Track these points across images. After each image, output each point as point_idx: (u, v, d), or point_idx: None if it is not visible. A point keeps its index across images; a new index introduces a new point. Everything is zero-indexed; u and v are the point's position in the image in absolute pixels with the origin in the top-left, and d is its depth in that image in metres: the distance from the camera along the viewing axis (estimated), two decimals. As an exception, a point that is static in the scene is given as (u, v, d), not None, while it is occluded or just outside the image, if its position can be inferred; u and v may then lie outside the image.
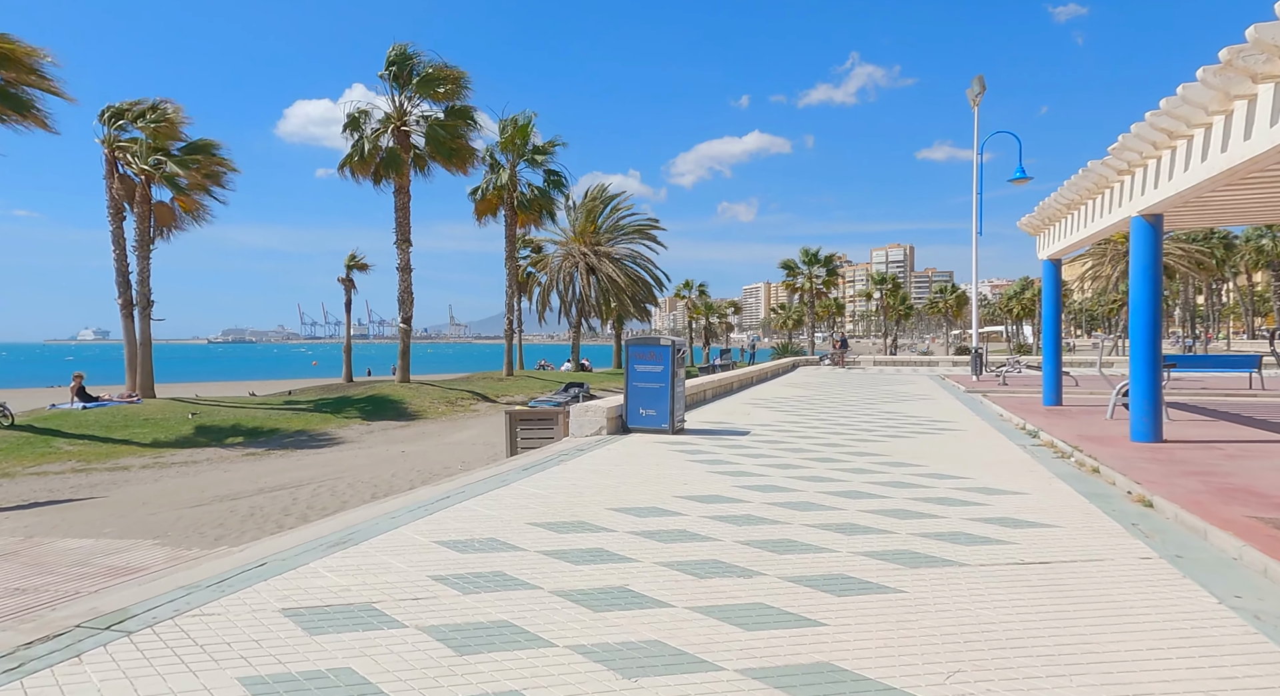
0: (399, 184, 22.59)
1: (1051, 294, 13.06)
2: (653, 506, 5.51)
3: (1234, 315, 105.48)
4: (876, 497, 5.87)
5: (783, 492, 6.04)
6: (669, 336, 9.62)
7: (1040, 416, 11.28)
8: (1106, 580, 3.84)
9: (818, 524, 5.02)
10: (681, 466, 7.24)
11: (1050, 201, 11.28)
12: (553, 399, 11.71)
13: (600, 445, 8.58)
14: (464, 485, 6.11)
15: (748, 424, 10.96)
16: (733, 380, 17.96)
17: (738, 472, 6.94)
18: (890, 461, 7.64)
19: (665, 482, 6.41)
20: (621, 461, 7.48)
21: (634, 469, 7.09)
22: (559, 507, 5.42)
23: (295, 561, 4.02)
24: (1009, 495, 5.97)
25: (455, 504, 5.48)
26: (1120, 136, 7.81)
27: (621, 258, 36.16)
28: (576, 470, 6.98)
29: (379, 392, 21.19)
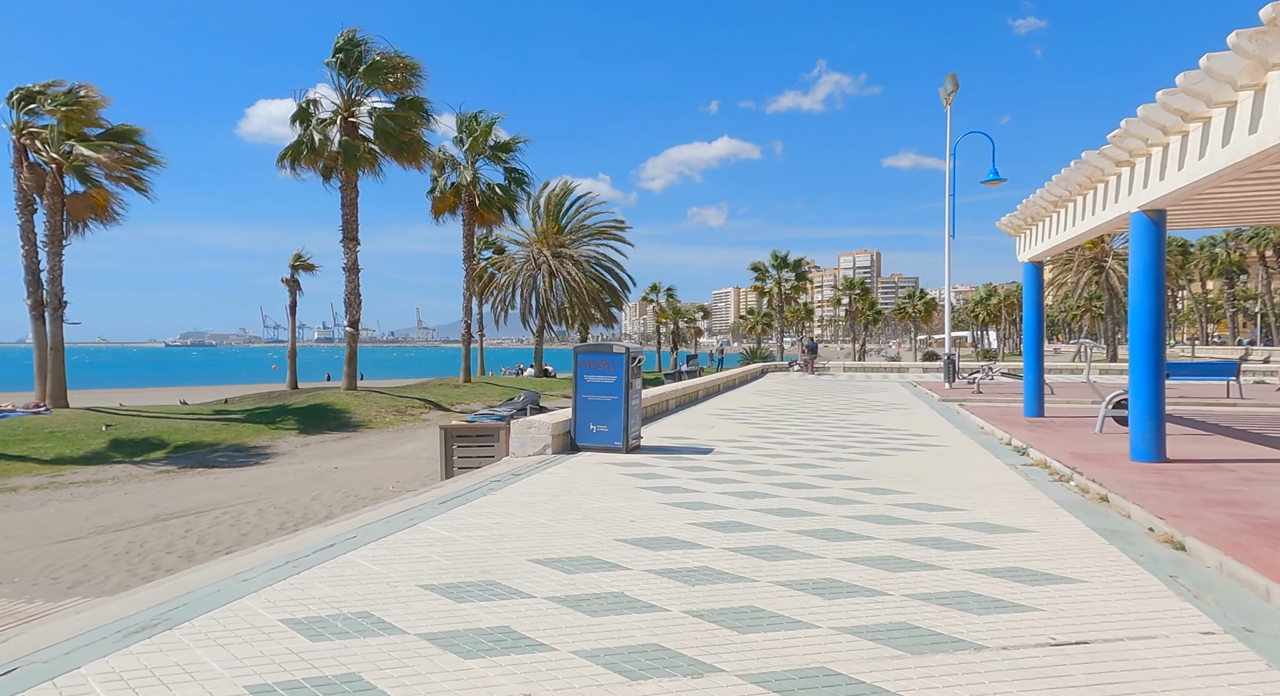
0: (346, 179, 21.20)
1: (1033, 298, 12.32)
2: (587, 555, 4.46)
3: (1188, 322, 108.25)
4: (859, 539, 4.89)
5: (748, 532, 5.04)
6: (622, 343, 8.59)
7: (1024, 429, 10.49)
8: (1172, 674, 2.89)
9: (790, 580, 4.02)
10: (631, 496, 6.20)
11: (1035, 199, 10.52)
12: (495, 412, 10.62)
13: (542, 468, 7.50)
14: (360, 526, 4.99)
15: (712, 439, 9.97)
16: (698, 388, 17.00)
17: (696, 504, 5.92)
18: (871, 487, 6.70)
19: (608, 520, 5.37)
20: (562, 490, 6.41)
21: (574, 500, 6.03)
22: (469, 560, 4.34)
23: (64, 663, 2.87)
24: (1013, 533, 5.04)
25: (339, 555, 4.36)
26: (1123, 122, 7.00)
27: (586, 260, 35.06)
28: (505, 502, 5.89)
29: (321, 401, 19.79)
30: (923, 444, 9.65)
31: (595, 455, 8.31)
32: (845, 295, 62.56)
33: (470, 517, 5.35)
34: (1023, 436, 9.66)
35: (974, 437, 10.37)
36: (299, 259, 26.70)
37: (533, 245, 34.70)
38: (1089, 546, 4.73)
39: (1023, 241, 12.50)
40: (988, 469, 7.73)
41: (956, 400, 16.54)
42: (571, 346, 10.23)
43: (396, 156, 21.80)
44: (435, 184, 26.89)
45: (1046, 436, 9.75)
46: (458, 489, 6.36)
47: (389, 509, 5.62)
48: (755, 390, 20.26)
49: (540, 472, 7.22)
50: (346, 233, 21.27)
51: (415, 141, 21.79)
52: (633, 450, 8.63)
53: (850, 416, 13.16)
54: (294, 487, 10.70)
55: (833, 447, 9.26)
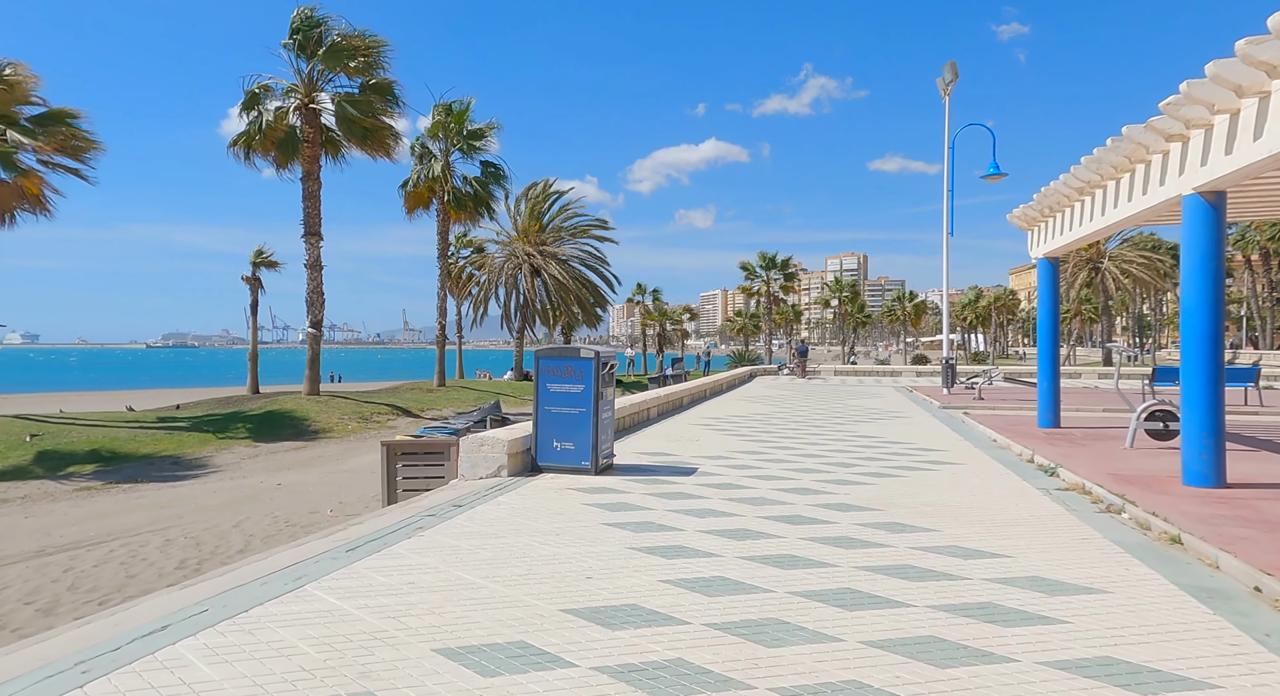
0: (307, 169, 19.82)
1: (1049, 298, 11.24)
2: (518, 640, 3.24)
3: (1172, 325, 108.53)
4: (885, 605, 3.71)
5: (738, 595, 3.85)
6: (592, 347, 7.39)
7: (1043, 443, 9.39)
8: None
9: (798, 686, 2.82)
10: (593, 537, 4.99)
11: (1057, 186, 9.43)
12: (449, 425, 9.37)
13: (492, 495, 6.27)
14: (223, 591, 3.75)
15: (696, 455, 8.78)
16: (683, 395, 15.82)
17: (673, 549, 4.72)
18: (885, 521, 5.53)
19: (559, 575, 4.16)
20: (508, 529, 5.19)
21: (521, 543, 4.81)
22: (350, 653, 3.11)
23: None
24: (1083, 595, 3.88)
25: (164, 646, 3.11)
26: (1184, 85, 5.88)
27: (569, 259, 33.80)
28: (432, 549, 4.66)
29: (279, 407, 18.41)
30: (934, 461, 8.51)
31: (558, 478, 7.09)
32: (834, 297, 61.65)
33: (377, 574, 4.12)
34: (1045, 452, 8.55)
35: (989, 453, 9.25)
36: (260, 255, 25.17)
37: (513, 243, 33.40)
38: (1190, 618, 3.58)
39: (1037, 235, 11.42)
40: (1017, 495, 6.59)
41: (959, 407, 15.47)
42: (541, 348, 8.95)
43: (360, 145, 20.43)
44: (410, 178, 25.54)
45: (1072, 452, 8.65)
46: (377, 528, 5.12)
47: (279, 559, 4.38)
48: (744, 396, 19.11)
49: (488, 502, 5.99)
50: (308, 226, 19.86)
51: (381, 129, 20.42)
52: (603, 471, 7.41)
53: (848, 426, 12.02)
54: (222, 510, 9.40)
55: (833, 466, 8.09)
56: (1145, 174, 7.46)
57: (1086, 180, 8.66)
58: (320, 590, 3.84)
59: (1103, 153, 7.81)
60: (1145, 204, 7.49)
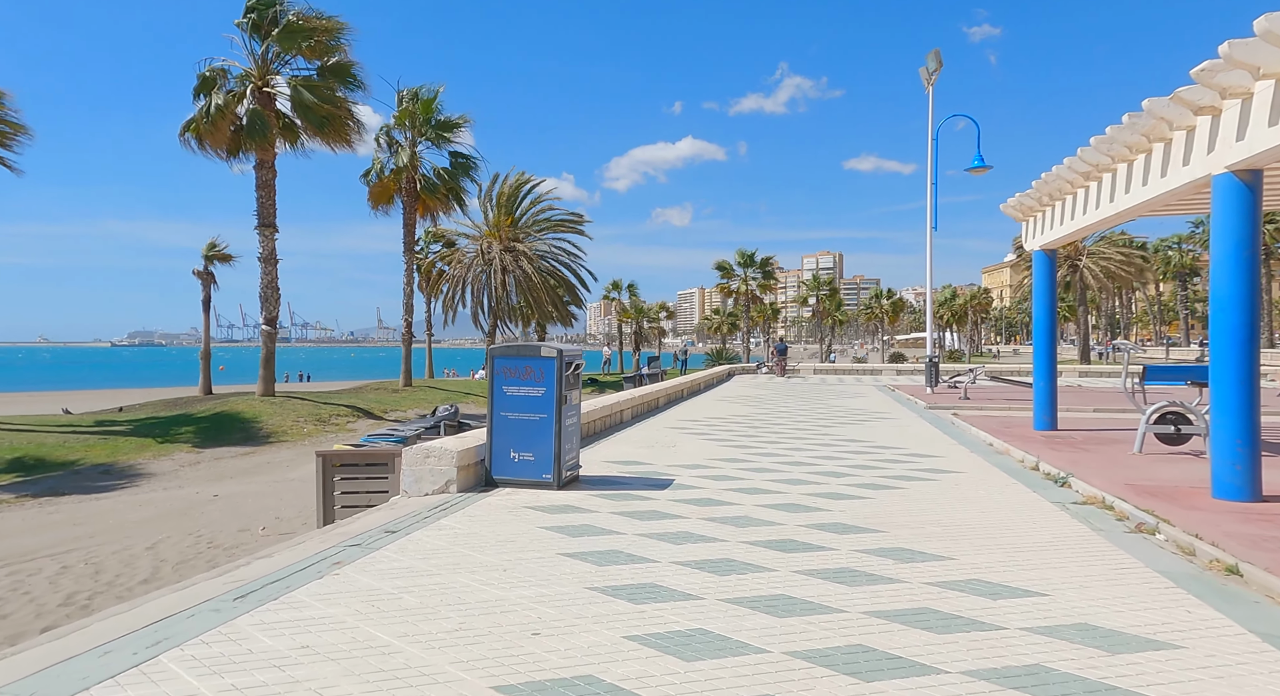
0: (261, 158, 18.64)
1: (1045, 293, 10.61)
2: (428, 743, 2.39)
3: (1140, 323, 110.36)
4: (908, 671, 2.92)
5: (724, 657, 3.03)
6: (554, 344, 6.54)
7: (1045, 448, 8.73)
8: None
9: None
10: (547, 574, 4.14)
11: (1061, 171, 8.76)
12: (397, 432, 8.42)
13: (434, 518, 5.39)
14: (32, 671, 2.84)
15: (672, 463, 7.96)
16: (659, 395, 15.01)
17: (643, 589, 3.89)
18: (890, 546, 4.75)
19: (497, 633, 3.30)
20: (445, 563, 4.32)
21: (458, 584, 3.95)
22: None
23: None
24: (1149, 651, 3.12)
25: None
26: (1223, 47, 5.18)
27: (542, 255, 32.78)
28: (343, 593, 3.78)
29: (229, 409, 17.26)
30: (932, 469, 7.78)
31: (515, 494, 6.22)
32: (813, 294, 61.31)
33: (264, 634, 3.23)
34: (1051, 459, 7.87)
35: (988, 459, 8.56)
36: (213, 248, 23.78)
37: (484, 239, 32.29)
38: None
39: (1033, 226, 10.78)
40: (1032, 510, 5.86)
41: (946, 407, 14.86)
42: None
43: (318, 132, 19.27)
44: (374, 168, 24.38)
45: (1078, 458, 7.98)
46: (285, 564, 4.22)
47: (148, 610, 3.47)
48: (722, 395, 18.36)
49: (428, 527, 5.11)
50: (262, 217, 18.66)
51: (340, 115, 19.27)
52: (567, 485, 6.57)
53: (834, 429, 11.30)
54: (142, 527, 8.39)
55: (823, 476, 7.33)
56: (1164, 154, 6.78)
57: (1094, 164, 7.99)
58: (179, 662, 2.94)
59: (1116, 131, 7.12)
60: (1164, 188, 6.81)
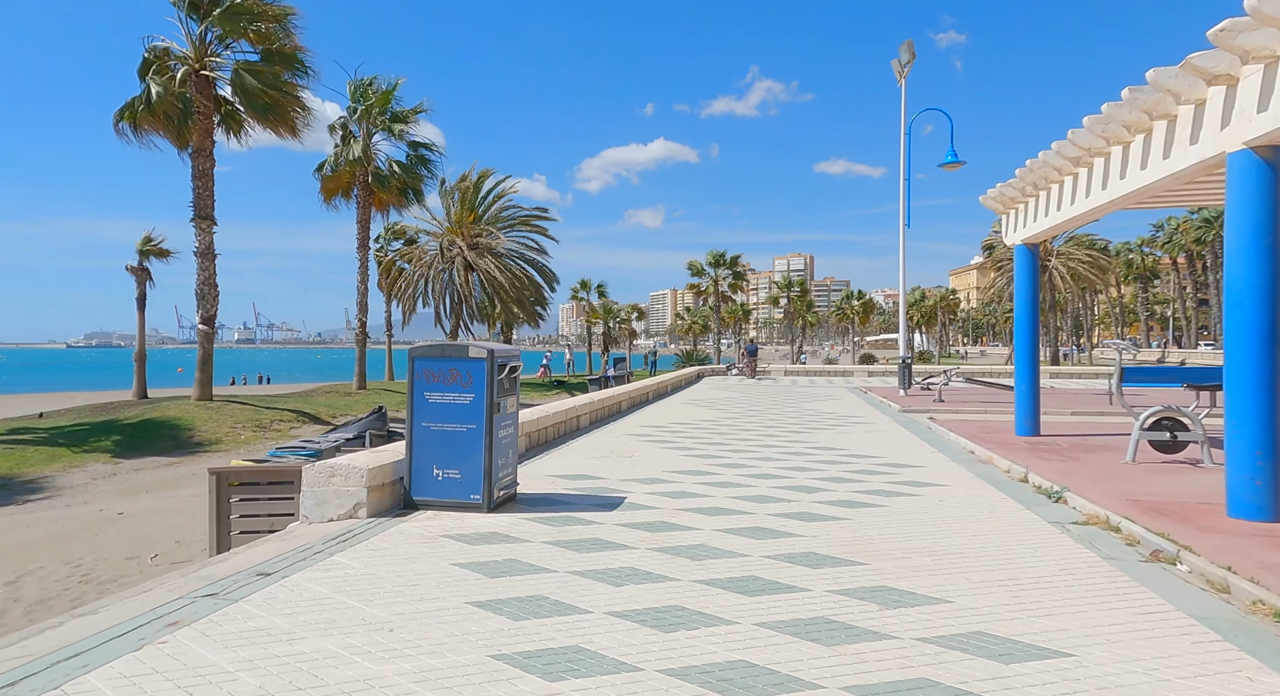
0: (198, 145, 17.38)
1: (1027, 289, 9.99)
2: None
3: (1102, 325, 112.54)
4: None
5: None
6: (484, 345, 5.66)
7: (1032, 457, 8.07)
8: None
9: None
10: (445, 635, 3.27)
11: (1048, 158, 8.11)
12: (309, 444, 7.42)
13: (328, 553, 4.48)
14: None
15: (626, 478, 7.12)
16: (621, 399, 14.17)
17: (565, 656, 3.04)
18: (874, 585, 3.97)
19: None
20: (315, 625, 3.41)
21: (321, 655, 3.05)
22: None
23: None
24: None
25: None
26: (1249, 3, 4.51)
27: (506, 253, 31.70)
28: (152, 680, 2.86)
29: (160, 415, 16.00)
30: (913, 482, 7.05)
31: (437, 519, 5.32)
32: (784, 295, 61.00)
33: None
34: (1040, 470, 7.20)
35: (970, 469, 7.87)
36: (149, 242, 22.26)
37: (446, 235, 31.13)
38: None
39: (1015, 219, 10.17)
40: (1029, 533, 5.14)
41: (921, 411, 14.25)
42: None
43: (262, 120, 18.05)
44: (328, 161, 23.14)
45: (1068, 469, 7.32)
46: (101, 628, 3.28)
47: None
48: (690, 398, 17.58)
49: (315, 566, 4.19)
50: (198, 209, 17.37)
51: (286, 103, 18.06)
52: (500, 506, 5.69)
53: (806, 435, 10.56)
54: (16, 555, 7.30)
55: (794, 491, 6.55)
56: (1168, 133, 6.13)
57: (1087, 147, 7.34)
58: None
59: (1114, 109, 6.46)
60: (1167, 171, 6.16)
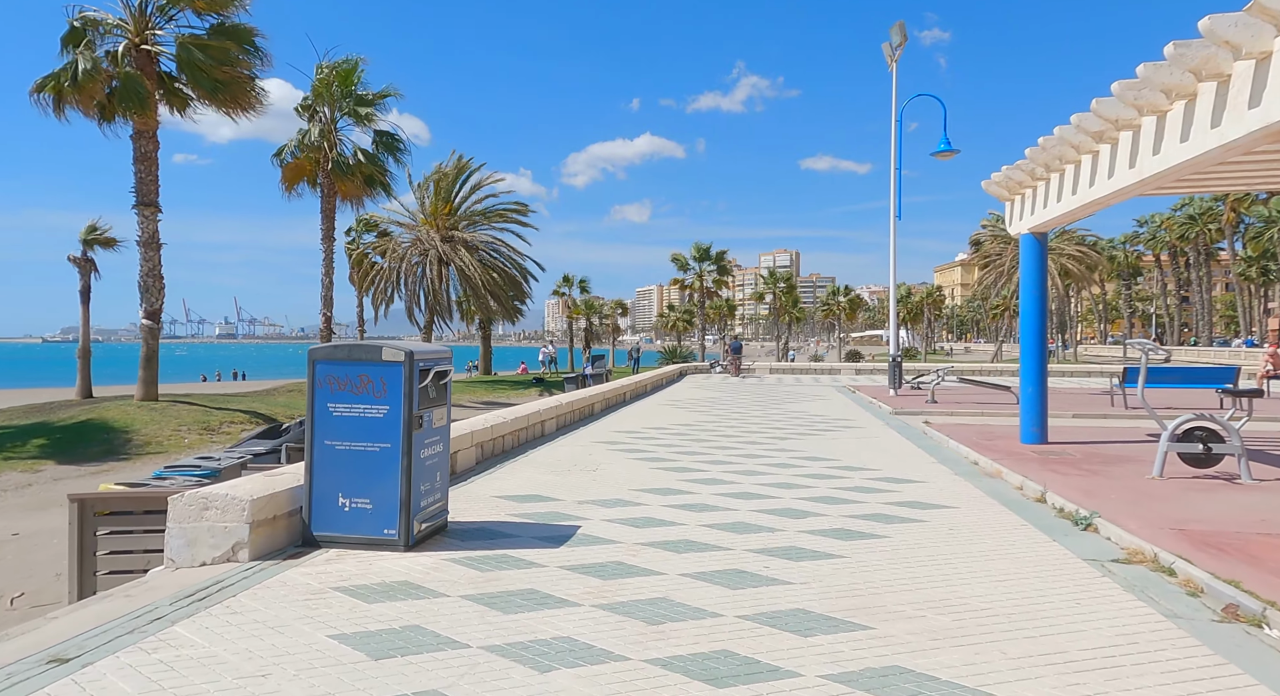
0: (139, 126, 16.12)
1: (1035, 281, 9.09)
2: None
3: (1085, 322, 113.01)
4: None
5: None
6: (402, 345, 4.64)
7: (1045, 470, 7.17)
8: None
9: None
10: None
11: (1066, 134, 7.19)
12: (206, 462, 6.30)
13: (173, 617, 3.45)
14: None
15: (584, 499, 6.13)
16: (594, 400, 13.17)
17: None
18: (881, 667, 3.01)
19: None
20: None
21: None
22: None
23: None
24: None
25: None
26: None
27: (483, 246, 30.57)
28: None
29: (97, 417, 14.81)
30: (915, 502, 6.12)
31: (335, 563, 4.30)
32: (770, 290, 60.18)
33: None
34: (1059, 488, 6.29)
35: (977, 484, 6.96)
36: (94, 231, 20.92)
37: (420, 227, 29.97)
38: None
39: (1022, 205, 9.26)
40: (1065, 576, 4.21)
41: (915, 413, 13.37)
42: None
43: (211, 99, 16.80)
44: (286, 146, 21.86)
45: (1092, 486, 6.42)
46: None
47: None
48: (670, 399, 16.61)
49: (143, 643, 3.16)
50: (141, 195, 16.11)
51: (237, 81, 16.79)
52: (422, 542, 4.68)
53: (793, 442, 9.62)
54: None
55: (779, 516, 5.59)
56: (1217, 97, 5.21)
57: (1113, 119, 6.42)
58: None
59: (1153, 70, 5.53)
60: (1216, 141, 5.24)
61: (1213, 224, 65.00)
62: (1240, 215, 61.43)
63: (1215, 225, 64.82)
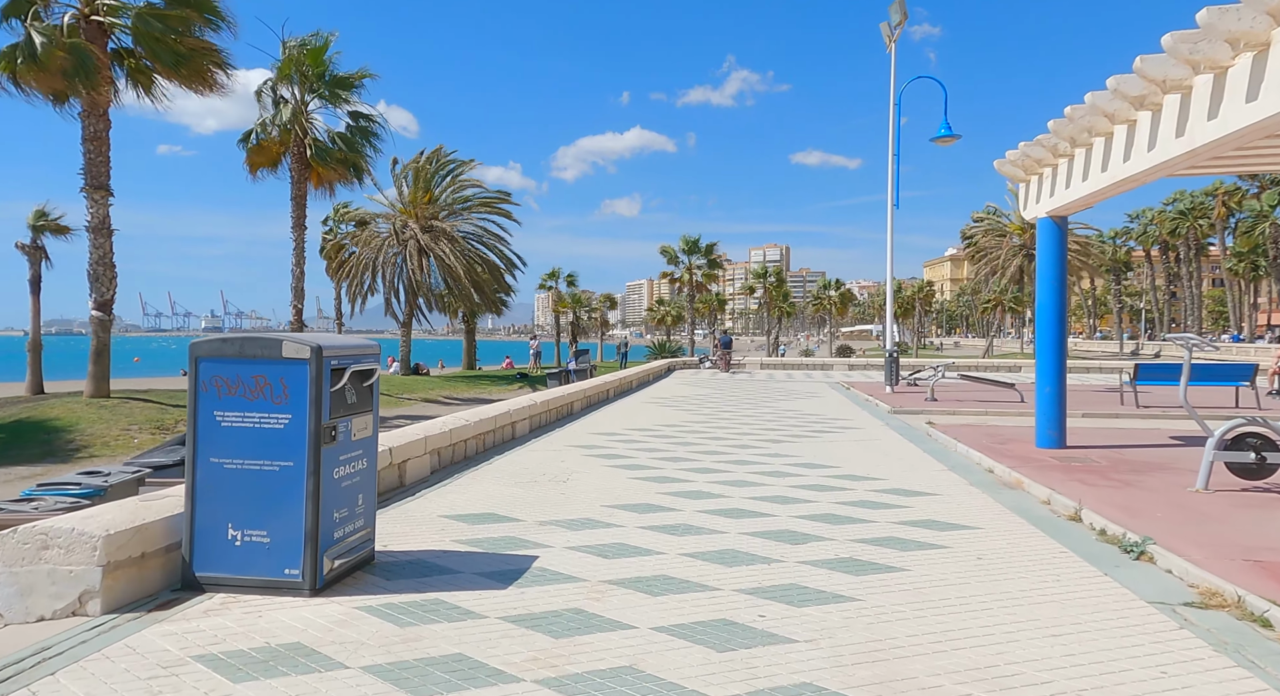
0: (89, 103, 15.01)
1: (1054, 270, 8.26)
2: None
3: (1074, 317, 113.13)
4: None
5: None
6: (307, 338, 3.74)
7: (1072, 481, 6.36)
8: None
9: None
10: None
11: (1099, 101, 6.34)
12: (88, 482, 5.36)
13: None
14: None
15: (548, 520, 5.25)
16: (573, 399, 12.28)
17: None
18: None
19: None
20: None
21: None
22: None
23: None
24: None
25: None
26: None
27: (464, 236, 29.55)
28: None
29: (39, 415, 13.78)
30: (930, 521, 5.28)
31: (215, 616, 3.39)
32: (760, 284, 59.39)
33: None
34: (1095, 504, 5.47)
35: (997, 497, 6.14)
36: (42, 217, 19.74)
37: (399, 217, 28.90)
38: None
39: (1038, 187, 8.42)
40: (1138, 632, 3.37)
41: (915, 412, 12.58)
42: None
43: (173, 73, 15.68)
44: (254, 128, 20.71)
45: (1131, 502, 5.61)
46: None
47: None
48: (655, 396, 15.75)
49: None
50: (90, 178, 14.97)
51: (200, 53, 15.66)
52: (336, 582, 3.78)
53: (787, 446, 8.77)
54: None
55: (777, 540, 4.72)
56: (1300, 45, 4.36)
57: (1159, 80, 5.57)
58: None
59: (1218, 15, 4.68)
60: (1295, 98, 4.40)
61: (1203, 219, 64.69)
62: (1231, 210, 61.14)
63: (1206, 220, 64.51)
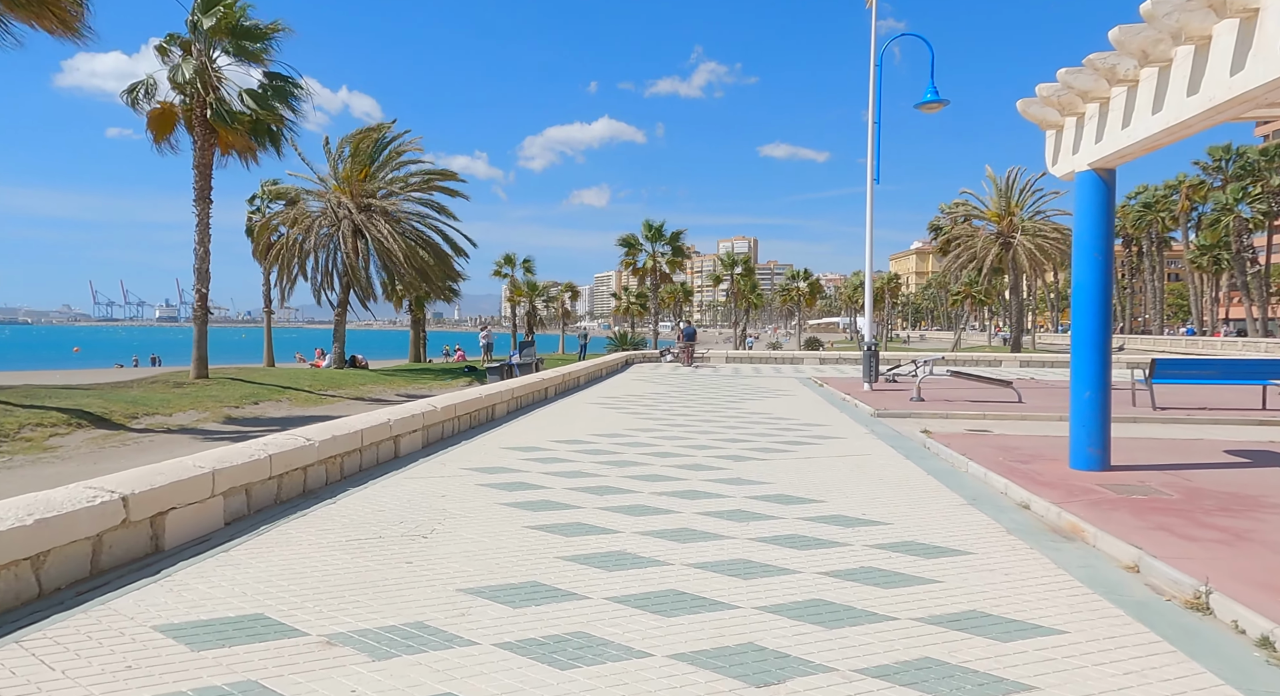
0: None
1: (1098, 240, 6.36)
2: None
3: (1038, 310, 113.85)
4: None
5: None
6: None
7: (1156, 529, 4.46)
8: None
9: None
10: None
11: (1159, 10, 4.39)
12: None
13: None
14: None
15: (350, 634, 3.13)
16: (495, 401, 10.12)
17: None
18: None
19: None
20: None
21: None
22: None
23: None
24: None
25: None
26: None
27: (405, 217, 27.02)
28: None
29: None
30: (978, 617, 3.29)
31: None
32: (728, 274, 57.58)
33: None
34: (1227, 581, 3.56)
35: (1054, 558, 4.21)
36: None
37: (332, 194, 26.25)
38: None
39: (1077, 132, 6.49)
40: None
41: (901, 415, 10.71)
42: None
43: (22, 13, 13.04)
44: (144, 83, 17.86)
45: (1271, 572, 3.71)
46: None
47: None
48: (604, 395, 13.68)
49: None
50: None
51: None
52: None
53: (754, 466, 6.75)
54: None
55: (736, 674, 2.68)
56: None
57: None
58: None
59: None
60: None
61: (1165, 212, 64.61)
62: (1194, 203, 61.05)
63: (1169, 213, 64.44)
